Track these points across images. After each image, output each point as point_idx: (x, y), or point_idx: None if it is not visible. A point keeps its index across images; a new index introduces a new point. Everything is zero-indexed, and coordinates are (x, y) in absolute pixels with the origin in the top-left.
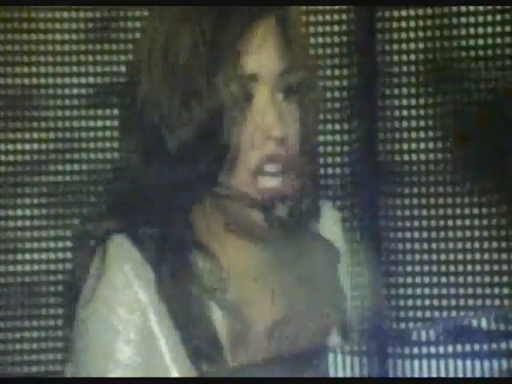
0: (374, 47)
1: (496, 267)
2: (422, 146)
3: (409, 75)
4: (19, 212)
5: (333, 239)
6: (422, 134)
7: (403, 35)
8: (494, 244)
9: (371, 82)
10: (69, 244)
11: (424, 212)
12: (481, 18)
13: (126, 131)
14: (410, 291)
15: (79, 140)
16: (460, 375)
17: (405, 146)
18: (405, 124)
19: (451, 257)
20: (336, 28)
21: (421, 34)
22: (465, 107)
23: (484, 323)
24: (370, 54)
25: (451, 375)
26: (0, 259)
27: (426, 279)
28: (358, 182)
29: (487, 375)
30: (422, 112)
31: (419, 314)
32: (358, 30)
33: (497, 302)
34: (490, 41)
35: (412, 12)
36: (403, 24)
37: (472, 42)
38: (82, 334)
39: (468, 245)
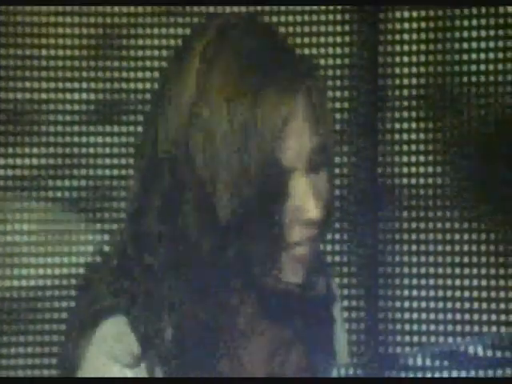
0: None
1: (493, 294)
2: (422, 170)
3: (410, 99)
4: (17, 227)
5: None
6: (421, 158)
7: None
8: (492, 270)
9: (372, 106)
10: (66, 260)
11: (422, 236)
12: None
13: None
14: (406, 315)
15: (78, 156)
16: None
17: (405, 170)
18: (405, 148)
19: (449, 282)
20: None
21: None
22: (466, 131)
23: (480, 350)
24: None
25: None
26: None
27: (423, 304)
28: (357, 204)
29: None
30: (422, 136)
31: (415, 338)
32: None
33: (493, 329)
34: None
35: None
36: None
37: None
38: None
39: (466, 271)
